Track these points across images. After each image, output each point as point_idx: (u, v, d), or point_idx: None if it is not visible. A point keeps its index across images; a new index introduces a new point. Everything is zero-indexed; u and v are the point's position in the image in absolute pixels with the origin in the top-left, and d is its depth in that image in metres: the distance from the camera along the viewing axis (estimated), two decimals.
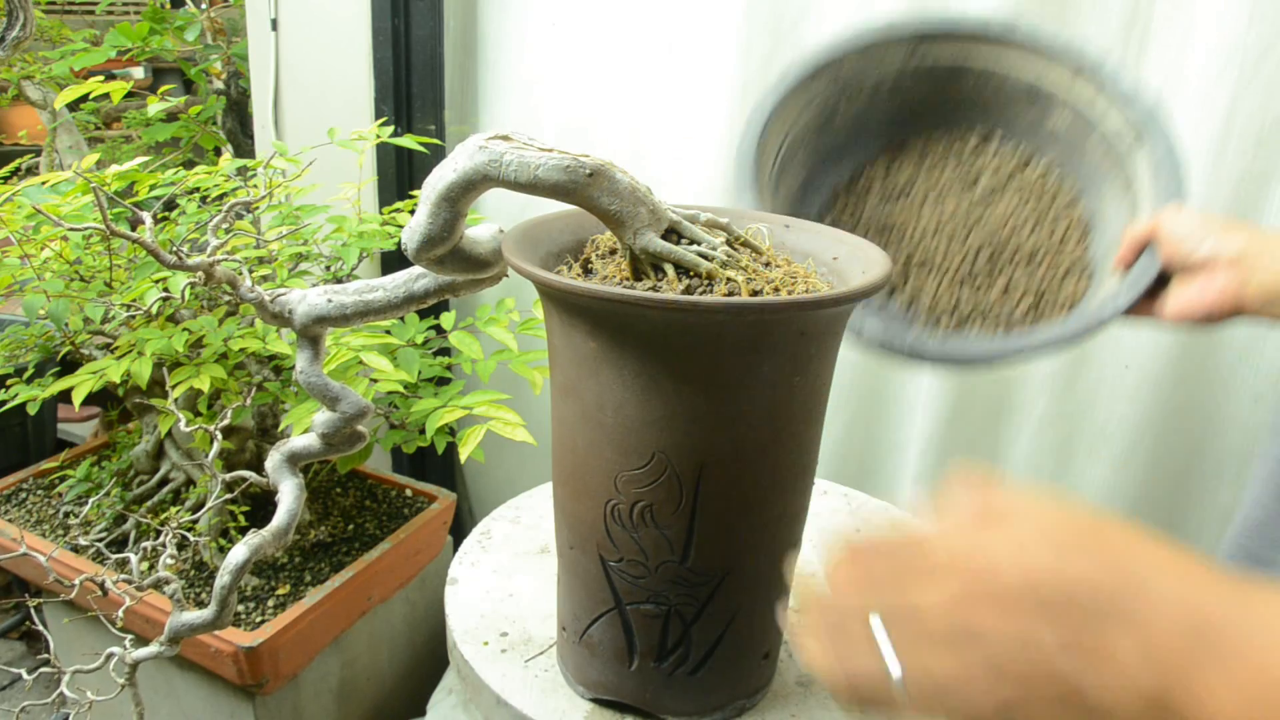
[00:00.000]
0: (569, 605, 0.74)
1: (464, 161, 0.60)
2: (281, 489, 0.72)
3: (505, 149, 0.59)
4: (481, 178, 0.59)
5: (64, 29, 1.92)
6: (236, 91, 1.86)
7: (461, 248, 0.66)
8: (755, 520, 0.66)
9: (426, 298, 0.70)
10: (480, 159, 0.59)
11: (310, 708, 1.26)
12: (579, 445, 0.66)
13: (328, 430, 0.72)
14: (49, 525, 1.32)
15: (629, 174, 0.61)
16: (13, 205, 1.08)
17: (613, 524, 0.66)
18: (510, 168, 0.59)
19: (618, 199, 0.60)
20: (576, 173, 0.59)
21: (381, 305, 0.70)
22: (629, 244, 0.62)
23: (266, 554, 0.70)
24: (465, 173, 0.59)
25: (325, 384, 0.70)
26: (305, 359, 0.69)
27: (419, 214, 0.62)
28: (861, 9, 1.19)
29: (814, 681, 0.78)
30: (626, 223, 0.61)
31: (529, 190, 0.59)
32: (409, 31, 1.45)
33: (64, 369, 1.19)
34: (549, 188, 0.59)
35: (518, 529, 0.99)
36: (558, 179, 0.59)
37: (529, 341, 1.18)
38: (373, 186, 1.53)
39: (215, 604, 0.69)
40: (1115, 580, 0.33)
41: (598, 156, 0.60)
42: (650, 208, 0.62)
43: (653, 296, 0.55)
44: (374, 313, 0.70)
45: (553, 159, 0.59)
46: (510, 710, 0.74)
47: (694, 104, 1.32)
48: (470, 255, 0.67)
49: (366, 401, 0.70)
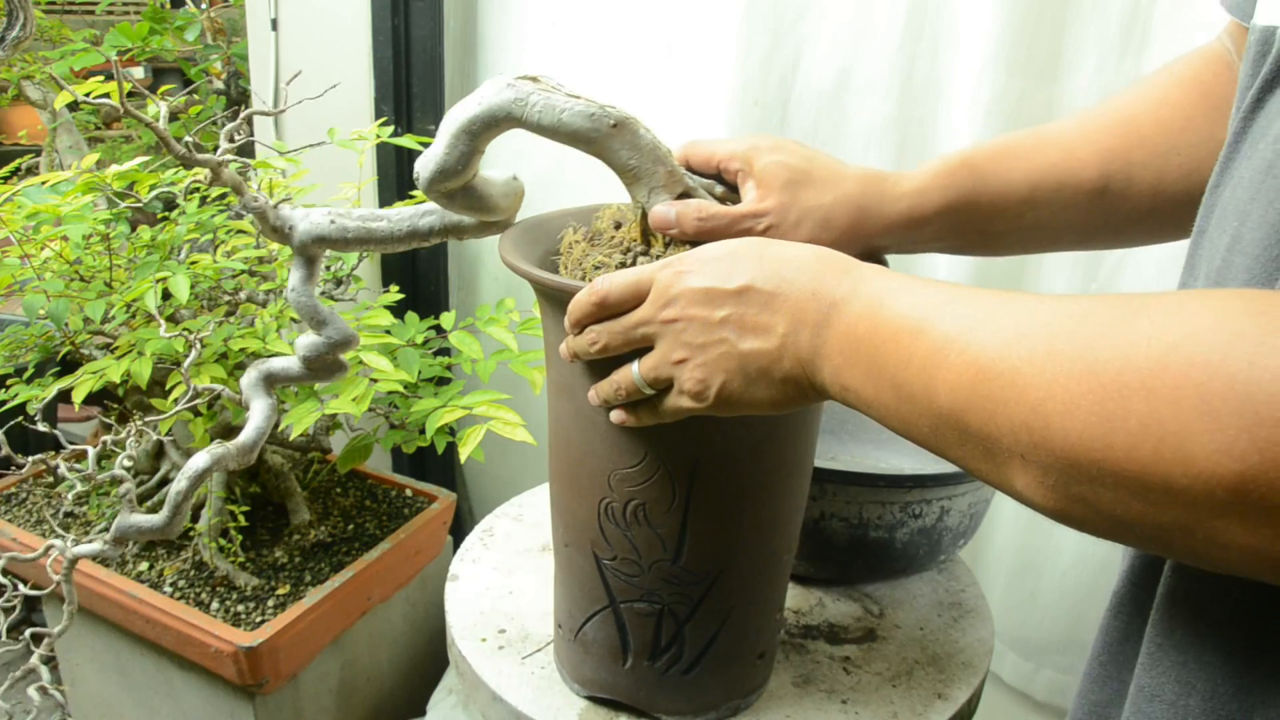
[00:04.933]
0: (564, 603, 0.74)
1: (490, 96, 0.58)
2: (253, 406, 0.70)
3: (532, 89, 0.58)
4: (505, 115, 0.58)
5: (64, 29, 1.93)
6: (236, 91, 1.86)
7: (474, 185, 0.64)
8: (748, 520, 0.66)
9: (430, 235, 0.68)
10: (506, 95, 0.58)
11: (310, 708, 1.26)
12: (574, 444, 0.66)
13: (310, 354, 0.69)
14: (49, 525, 1.32)
15: (653, 132, 0.60)
16: (13, 205, 1.08)
17: (606, 522, 0.66)
18: (535, 108, 0.57)
19: (638, 154, 0.60)
20: (601, 121, 0.58)
21: (384, 235, 0.68)
22: (641, 202, 0.62)
23: (228, 467, 0.66)
24: (489, 107, 0.58)
25: (315, 305, 0.68)
26: (298, 278, 0.67)
27: (436, 144, 0.61)
28: (861, 8, 1.19)
29: (810, 683, 0.78)
30: (643, 180, 0.61)
31: (550, 134, 0.58)
32: (409, 31, 1.45)
33: (64, 369, 1.19)
34: (570, 133, 0.58)
35: (520, 527, 0.99)
36: (580, 125, 0.58)
37: (529, 341, 1.18)
38: (373, 186, 1.53)
39: (168, 510, 0.65)
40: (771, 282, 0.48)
41: (624, 109, 0.59)
42: (669, 169, 0.61)
43: None
44: (375, 241, 0.68)
45: (579, 105, 0.58)
46: (505, 706, 0.74)
47: (694, 104, 1.32)
48: (481, 195, 0.65)
49: (352, 330, 0.68)
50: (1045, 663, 1.31)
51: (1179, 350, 0.32)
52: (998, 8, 1.11)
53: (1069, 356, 0.35)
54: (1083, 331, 0.35)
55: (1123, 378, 0.33)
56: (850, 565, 0.89)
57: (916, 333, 0.42)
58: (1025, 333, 0.38)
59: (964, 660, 0.82)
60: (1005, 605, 1.29)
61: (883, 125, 1.21)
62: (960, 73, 1.16)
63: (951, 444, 0.41)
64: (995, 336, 0.39)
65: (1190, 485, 0.31)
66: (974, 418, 0.38)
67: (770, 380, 0.49)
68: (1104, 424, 0.33)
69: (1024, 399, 0.36)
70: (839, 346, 0.46)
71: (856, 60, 1.21)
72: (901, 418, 0.43)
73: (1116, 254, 1.13)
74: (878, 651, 0.83)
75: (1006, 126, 1.12)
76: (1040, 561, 1.27)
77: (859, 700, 0.76)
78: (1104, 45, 1.09)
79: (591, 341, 0.56)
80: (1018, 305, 0.39)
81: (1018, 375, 0.37)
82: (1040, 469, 0.36)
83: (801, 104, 1.26)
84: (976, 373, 0.38)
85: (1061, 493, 0.36)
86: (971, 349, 0.39)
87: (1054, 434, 0.35)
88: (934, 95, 1.19)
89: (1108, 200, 0.62)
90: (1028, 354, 0.37)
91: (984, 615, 0.90)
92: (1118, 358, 0.33)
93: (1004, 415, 0.37)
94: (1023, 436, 0.36)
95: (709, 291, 0.50)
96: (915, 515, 0.85)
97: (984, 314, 0.40)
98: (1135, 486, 0.33)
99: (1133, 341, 0.33)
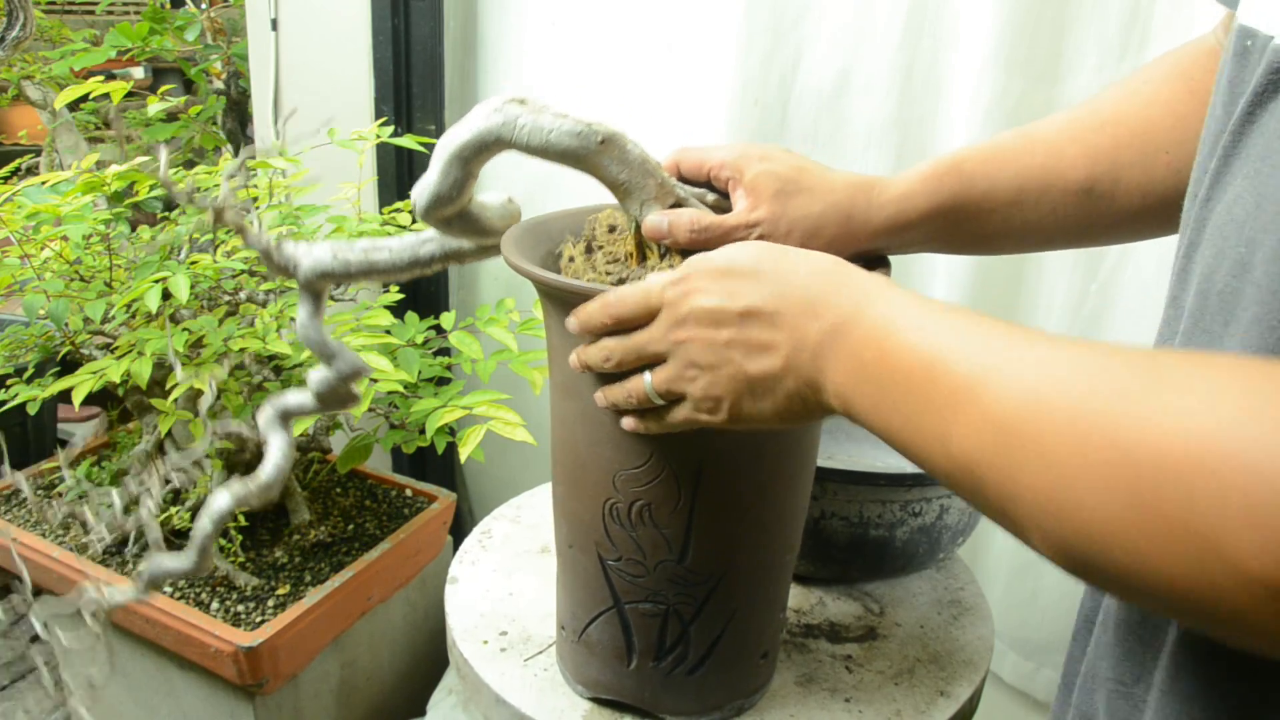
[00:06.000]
0: (568, 604, 0.74)
1: (479, 121, 0.59)
2: (270, 443, 0.71)
3: (520, 111, 0.59)
4: (495, 139, 0.59)
5: (64, 29, 1.92)
6: (236, 91, 1.86)
7: (470, 211, 0.65)
8: (753, 520, 0.66)
9: (432, 263, 0.70)
10: (495, 120, 0.59)
11: (310, 708, 1.26)
12: (578, 444, 0.66)
13: (322, 388, 0.70)
14: (49, 525, 1.32)
15: (640, 145, 0.61)
16: (13, 205, 1.08)
17: (611, 523, 0.66)
18: (524, 130, 0.58)
19: (627, 168, 0.60)
20: (588, 139, 0.59)
21: (386, 266, 0.69)
22: (634, 215, 0.62)
23: (250, 505, 0.68)
24: (479, 132, 0.59)
25: (324, 340, 0.69)
26: (306, 313, 0.68)
27: (430, 172, 0.62)
28: (861, 8, 1.19)
29: (812, 681, 0.78)
30: (634, 194, 0.61)
31: (540, 155, 0.59)
32: (409, 31, 1.45)
33: (64, 369, 1.19)
34: (560, 153, 0.59)
35: (518, 528, 0.99)
36: (569, 144, 0.59)
37: (529, 341, 1.18)
38: (373, 186, 1.53)
39: (194, 551, 0.67)
40: (773, 302, 0.49)
41: (610, 124, 0.60)
42: (659, 181, 0.62)
43: None
44: (378, 273, 0.69)
45: (565, 124, 0.58)
46: (509, 709, 0.74)
47: (694, 104, 1.32)
48: (478, 219, 0.66)
49: (362, 361, 0.69)
50: (1045, 662, 1.31)
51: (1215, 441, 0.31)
52: (998, 8, 1.11)
53: (1094, 424, 0.34)
54: (1102, 395, 0.35)
55: (1157, 464, 0.32)
56: (850, 564, 0.89)
57: (929, 375, 0.42)
58: (1045, 390, 0.37)
59: (965, 658, 0.82)
60: (1005, 605, 1.29)
61: (883, 125, 1.21)
62: (960, 73, 1.16)
63: (965, 489, 0.41)
64: (1012, 388, 0.38)
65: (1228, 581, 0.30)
66: (992, 475, 0.38)
67: (777, 398, 0.50)
68: (1137, 512, 0.32)
69: (1048, 467, 0.35)
70: (843, 368, 0.46)
71: (856, 60, 1.21)
72: (913, 451, 0.43)
73: (1117, 253, 1.14)
74: (879, 650, 0.83)
75: (1006, 126, 1.12)
76: (1040, 561, 1.26)
77: (862, 699, 0.76)
78: (1104, 45, 1.09)
79: (605, 358, 0.57)
80: (1033, 352, 0.39)
81: (1041, 439, 0.36)
82: (1060, 539, 0.36)
83: (801, 104, 1.26)
84: (995, 430, 0.38)
85: (1081, 562, 0.36)
86: (986, 399, 0.39)
87: (1082, 512, 0.34)
88: (934, 95, 1.19)
89: (1095, 200, 0.62)
90: (1048, 414, 0.36)
91: (983, 613, 0.90)
92: (1147, 441, 0.32)
93: (1026, 479, 0.36)
94: (1045, 505, 0.36)
95: (715, 313, 0.51)
96: (915, 514, 0.85)
97: (999, 359, 0.39)
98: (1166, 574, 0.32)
99: (1162, 425, 0.32)
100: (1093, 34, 1.10)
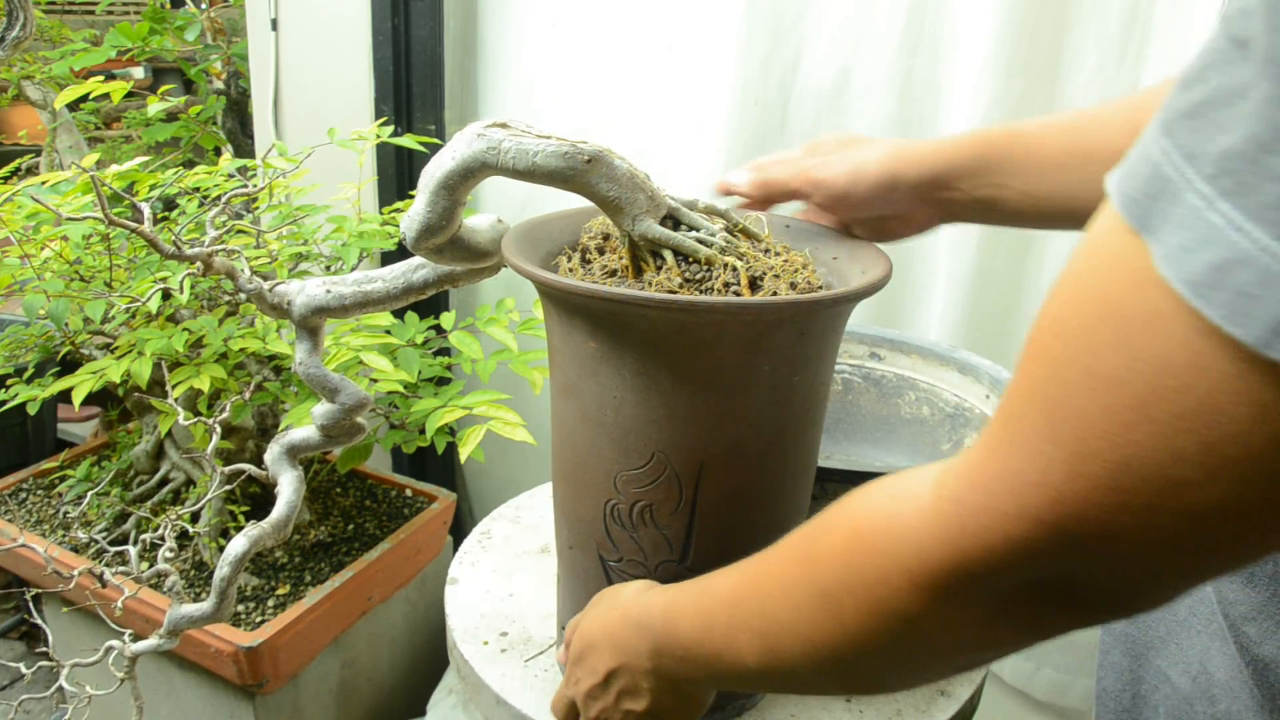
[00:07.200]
0: (569, 605, 0.74)
1: (462, 149, 0.59)
2: (281, 481, 0.72)
3: (503, 136, 0.59)
4: (480, 165, 0.59)
5: (64, 29, 1.92)
6: (236, 91, 1.86)
7: (460, 237, 0.65)
8: (755, 520, 0.66)
9: (426, 289, 0.70)
10: (478, 146, 0.59)
11: (310, 708, 1.26)
12: (579, 445, 0.66)
13: (327, 422, 0.71)
14: (49, 525, 1.32)
15: (627, 160, 0.61)
16: (13, 205, 1.08)
17: (612, 524, 0.66)
18: (509, 155, 0.58)
19: (616, 185, 0.60)
20: (574, 159, 0.59)
21: (380, 296, 0.69)
22: (627, 230, 0.62)
23: (266, 545, 0.69)
24: (463, 160, 0.59)
25: (324, 375, 0.69)
26: (304, 350, 0.69)
27: (417, 203, 0.62)
28: (861, 9, 1.19)
29: None
30: (625, 209, 0.61)
31: (527, 178, 0.59)
32: (409, 31, 1.45)
33: (64, 369, 1.19)
34: (547, 174, 0.59)
35: (518, 529, 0.99)
36: (556, 165, 0.58)
37: (529, 341, 1.18)
38: (373, 186, 1.53)
39: (215, 596, 0.69)
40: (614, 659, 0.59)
41: (596, 143, 0.60)
42: (649, 194, 0.62)
43: (652, 296, 0.55)
44: (373, 304, 0.69)
45: (550, 145, 0.58)
46: (510, 710, 0.74)
47: (694, 103, 1.32)
48: (469, 244, 0.66)
49: (365, 393, 0.70)
50: (1045, 662, 1.31)
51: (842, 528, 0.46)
52: (998, 8, 1.11)
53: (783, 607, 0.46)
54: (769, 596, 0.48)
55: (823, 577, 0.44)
56: None
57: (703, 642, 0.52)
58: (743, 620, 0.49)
59: None
60: None
61: (883, 125, 1.21)
62: (960, 73, 1.16)
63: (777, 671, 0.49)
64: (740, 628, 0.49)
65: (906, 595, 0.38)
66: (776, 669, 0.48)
67: (676, 704, 0.59)
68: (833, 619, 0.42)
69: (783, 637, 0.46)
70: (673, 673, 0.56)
71: (856, 60, 1.21)
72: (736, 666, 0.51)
73: None
74: None
75: None
76: None
77: (863, 699, 0.76)
78: (1104, 45, 1.09)
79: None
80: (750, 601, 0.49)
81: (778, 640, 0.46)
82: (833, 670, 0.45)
83: (801, 104, 1.26)
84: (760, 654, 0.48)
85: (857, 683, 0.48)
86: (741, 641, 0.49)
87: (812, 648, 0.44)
88: (934, 95, 1.19)
89: None
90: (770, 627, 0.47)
91: None
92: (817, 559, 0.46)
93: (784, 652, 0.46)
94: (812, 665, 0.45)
95: (593, 690, 0.60)
96: None
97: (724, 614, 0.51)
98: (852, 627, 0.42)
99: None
100: (1093, 34, 1.10)
